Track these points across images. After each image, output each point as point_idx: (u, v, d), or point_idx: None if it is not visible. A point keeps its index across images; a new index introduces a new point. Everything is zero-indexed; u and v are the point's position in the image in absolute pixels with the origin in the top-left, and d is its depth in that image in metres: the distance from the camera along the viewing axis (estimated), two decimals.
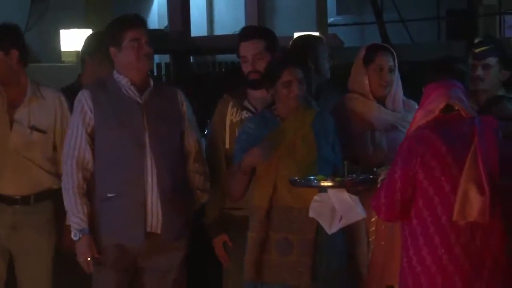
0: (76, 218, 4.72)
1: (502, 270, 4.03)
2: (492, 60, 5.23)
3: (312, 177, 4.47)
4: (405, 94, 5.34)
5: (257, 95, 5.08)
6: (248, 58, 5.07)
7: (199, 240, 5.31)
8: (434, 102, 4.19)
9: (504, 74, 5.21)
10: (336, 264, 4.69)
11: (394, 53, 5.19)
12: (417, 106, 4.85)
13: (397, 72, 5.19)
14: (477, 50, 5.22)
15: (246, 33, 5.19)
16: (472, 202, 3.97)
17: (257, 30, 5.38)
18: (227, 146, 5.11)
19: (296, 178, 4.49)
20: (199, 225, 5.21)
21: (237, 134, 5.02)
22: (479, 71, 5.19)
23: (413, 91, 6.02)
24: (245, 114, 5.09)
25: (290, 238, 4.61)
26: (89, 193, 4.78)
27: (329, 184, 4.44)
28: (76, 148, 4.75)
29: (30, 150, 5.10)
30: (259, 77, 5.00)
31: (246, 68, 5.10)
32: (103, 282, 4.78)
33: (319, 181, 4.45)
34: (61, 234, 5.15)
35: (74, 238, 4.72)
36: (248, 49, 5.09)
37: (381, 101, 5.14)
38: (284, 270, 4.61)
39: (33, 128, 5.11)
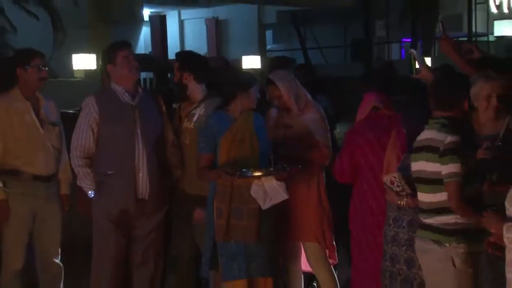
0: (88, 182, 4.73)
1: None
2: None
3: (245, 169, 4.45)
4: (319, 99, 5.31)
5: (188, 104, 5.00)
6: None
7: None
8: (366, 105, 4.61)
9: None
10: (272, 226, 4.66)
11: (278, 82, 4.85)
12: (318, 107, 5.01)
13: (291, 87, 4.88)
14: None
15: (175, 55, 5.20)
16: (393, 167, 4.13)
17: (177, 53, 5.26)
18: None
19: (237, 172, 4.44)
20: None
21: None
22: None
23: (327, 96, 6.04)
24: None
25: (241, 207, 4.56)
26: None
27: (259, 174, 4.46)
28: (82, 137, 4.73)
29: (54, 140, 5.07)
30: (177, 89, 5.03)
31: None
32: (106, 235, 4.74)
33: (252, 172, 4.45)
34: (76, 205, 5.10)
35: (91, 196, 4.75)
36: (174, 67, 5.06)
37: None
38: (240, 231, 4.56)
39: (53, 124, 5.07)
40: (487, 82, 3.81)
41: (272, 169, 4.48)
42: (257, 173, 4.47)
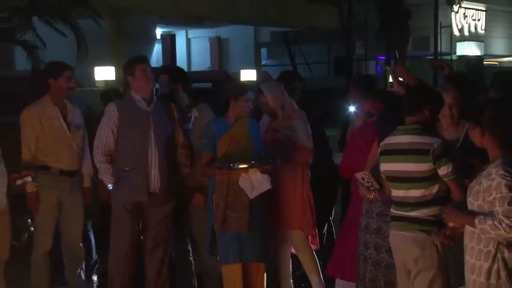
0: (108, 176, 4.73)
1: None
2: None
3: (232, 164, 4.44)
4: (307, 108, 5.22)
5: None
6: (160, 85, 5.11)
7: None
8: (361, 111, 4.57)
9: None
10: (262, 216, 4.62)
11: (266, 91, 4.89)
12: (302, 114, 4.98)
13: (277, 96, 4.88)
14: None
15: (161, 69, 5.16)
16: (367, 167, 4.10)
17: (167, 67, 5.26)
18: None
19: (226, 165, 4.45)
20: None
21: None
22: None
23: (314, 105, 6.03)
24: None
25: (235, 201, 4.52)
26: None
27: (244, 166, 4.45)
28: (104, 137, 4.70)
29: (78, 141, 5.07)
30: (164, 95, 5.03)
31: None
32: (122, 222, 4.73)
33: (238, 164, 4.44)
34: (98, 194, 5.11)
35: (110, 188, 4.74)
36: (160, 80, 5.08)
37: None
38: (234, 221, 4.55)
39: (77, 127, 5.08)
40: (442, 93, 3.86)
41: (253, 162, 4.48)
42: (243, 166, 4.45)
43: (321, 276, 5.00)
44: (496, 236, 3.12)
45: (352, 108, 5.85)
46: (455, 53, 22.10)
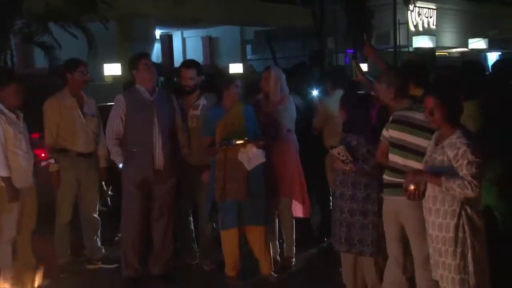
0: (118, 157, 4.70)
1: None
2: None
3: (231, 140, 4.45)
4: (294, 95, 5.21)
5: (189, 98, 4.93)
6: (186, 78, 4.84)
7: None
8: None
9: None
10: (259, 186, 4.63)
11: (273, 70, 4.94)
12: (290, 99, 4.95)
13: (280, 79, 4.90)
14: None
15: (187, 64, 4.96)
16: None
17: (193, 62, 5.01)
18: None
19: (225, 141, 4.46)
20: None
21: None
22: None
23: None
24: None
25: (234, 174, 4.52)
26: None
27: (241, 142, 4.45)
28: (114, 124, 4.67)
29: (93, 127, 5.04)
30: (191, 89, 4.88)
31: (184, 83, 4.86)
32: (131, 196, 4.71)
33: (235, 141, 4.45)
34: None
35: (120, 166, 4.71)
36: (187, 73, 4.85)
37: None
38: (233, 191, 4.53)
39: (92, 115, 5.06)
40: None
41: (247, 138, 4.48)
42: (239, 141, 4.46)
43: (294, 241, 5.04)
44: (461, 194, 3.15)
45: (315, 92, 5.83)
46: (411, 45, 22.17)
